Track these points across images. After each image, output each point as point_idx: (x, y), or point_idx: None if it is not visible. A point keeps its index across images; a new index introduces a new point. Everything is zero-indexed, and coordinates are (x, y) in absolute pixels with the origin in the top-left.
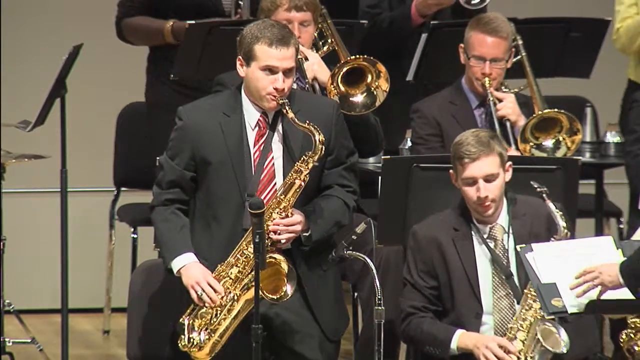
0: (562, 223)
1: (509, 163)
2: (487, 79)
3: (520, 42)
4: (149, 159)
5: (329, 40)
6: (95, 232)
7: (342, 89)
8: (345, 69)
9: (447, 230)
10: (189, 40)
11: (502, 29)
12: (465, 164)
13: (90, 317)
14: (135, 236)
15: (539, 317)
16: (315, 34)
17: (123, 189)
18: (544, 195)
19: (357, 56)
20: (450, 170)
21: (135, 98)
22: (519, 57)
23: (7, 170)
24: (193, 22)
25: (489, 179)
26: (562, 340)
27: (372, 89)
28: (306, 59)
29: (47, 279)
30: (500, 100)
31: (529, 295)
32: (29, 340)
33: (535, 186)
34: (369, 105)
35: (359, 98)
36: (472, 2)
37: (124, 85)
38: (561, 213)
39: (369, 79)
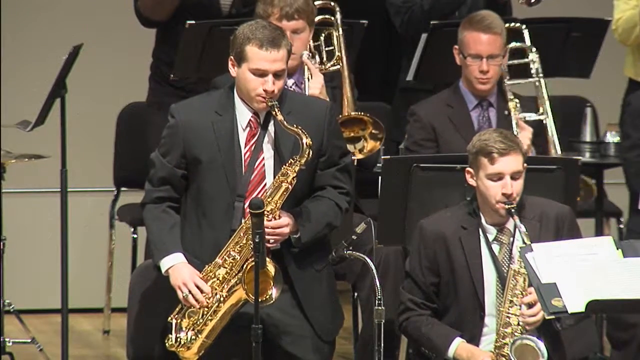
0: (527, 241)
1: (525, 165)
2: (513, 103)
3: (534, 56)
4: (148, 158)
5: (336, 55)
6: (95, 232)
7: None
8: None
9: (455, 227)
10: (188, 40)
11: (496, 25)
12: (494, 159)
13: (90, 317)
14: (135, 236)
15: (516, 334)
16: (322, 38)
17: (123, 189)
18: (512, 211)
19: (366, 114)
20: (467, 168)
21: (135, 98)
22: (531, 59)
23: (7, 170)
24: (193, 22)
25: (515, 176)
26: (540, 353)
27: (362, 140)
28: (311, 76)
29: (47, 279)
30: (520, 128)
31: (504, 313)
32: (29, 340)
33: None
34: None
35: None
36: (531, 1)
37: (124, 85)
38: (526, 232)
39: (364, 131)
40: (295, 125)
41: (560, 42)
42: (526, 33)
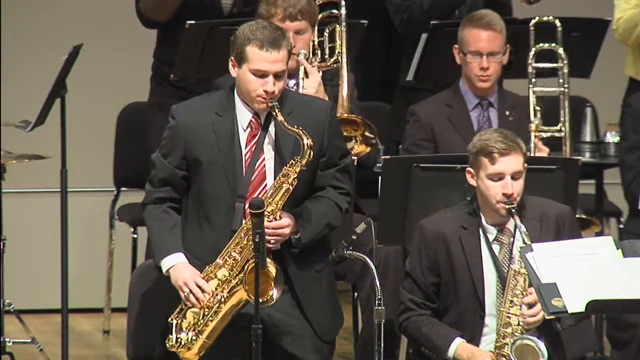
0: (527, 241)
1: (525, 165)
2: (534, 125)
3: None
4: (148, 159)
5: (337, 52)
6: (95, 232)
7: None
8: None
9: (455, 227)
10: (189, 40)
11: (496, 23)
12: (495, 159)
13: (90, 317)
14: (135, 236)
15: (517, 334)
16: (327, 33)
17: (123, 189)
18: (512, 211)
19: (358, 116)
20: (468, 168)
21: (135, 98)
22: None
23: (7, 170)
24: (193, 22)
25: (515, 176)
26: (541, 353)
27: (353, 140)
28: (306, 75)
29: (47, 279)
30: (538, 150)
31: (504, 313)
32: (29, 340)
33: (506, 205)
34: None
35: None
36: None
37: (124, 85)
38: (527, 232)
39: (356, 132)
40: (296, 126)
41: (561, 42)
42: (559, 31)
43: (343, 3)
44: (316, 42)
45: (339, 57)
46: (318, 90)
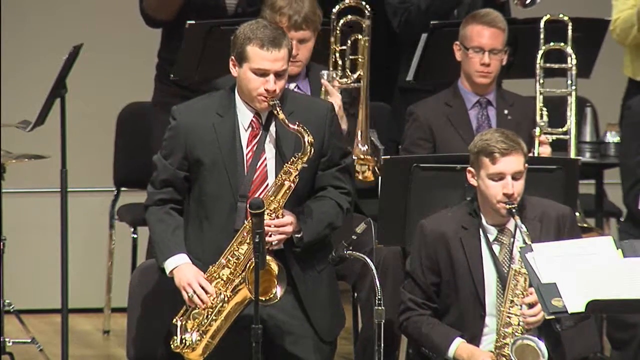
0: (528, 241)
1: (526, 165)
2: (539, 129)
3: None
4: (149, 159)
5: (358, 72)
6: (95, 232)
7: None
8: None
9: (456, 227)
10: (189, 40)
11: (500, 21)
12: (496, 159)
13: (90, 317)
14: (135, 236)
15: (517, 334)
16: (349, 43)
17: (123, 189)
18: (513, 211)
19: (375, 158)
20: (469, 168)
21: (135, 98)
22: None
23: (7, 170)
24: (193, 22)
25: (516, 176)
26: (541, 353)
27: (365, 167)
28: (327, 97)
29: (47, 279)
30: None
31: (505, 313)
32: (29, 340)
33: (506, 205)
34: None
35: None
36: (526, 2)
37: (124, 85)
38: (527, 232)
39: (370, 163)
40: (297, 124)
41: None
42: (569, 30)
43: (368, 12)
44: (337, 52)
45: (361, 76)
46: (339, 113)
